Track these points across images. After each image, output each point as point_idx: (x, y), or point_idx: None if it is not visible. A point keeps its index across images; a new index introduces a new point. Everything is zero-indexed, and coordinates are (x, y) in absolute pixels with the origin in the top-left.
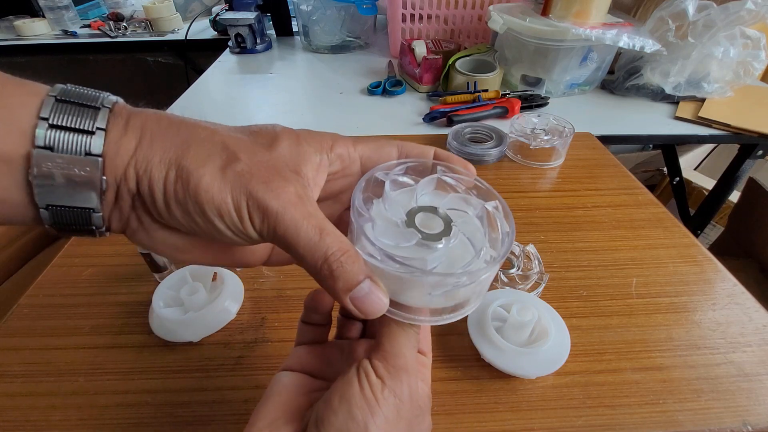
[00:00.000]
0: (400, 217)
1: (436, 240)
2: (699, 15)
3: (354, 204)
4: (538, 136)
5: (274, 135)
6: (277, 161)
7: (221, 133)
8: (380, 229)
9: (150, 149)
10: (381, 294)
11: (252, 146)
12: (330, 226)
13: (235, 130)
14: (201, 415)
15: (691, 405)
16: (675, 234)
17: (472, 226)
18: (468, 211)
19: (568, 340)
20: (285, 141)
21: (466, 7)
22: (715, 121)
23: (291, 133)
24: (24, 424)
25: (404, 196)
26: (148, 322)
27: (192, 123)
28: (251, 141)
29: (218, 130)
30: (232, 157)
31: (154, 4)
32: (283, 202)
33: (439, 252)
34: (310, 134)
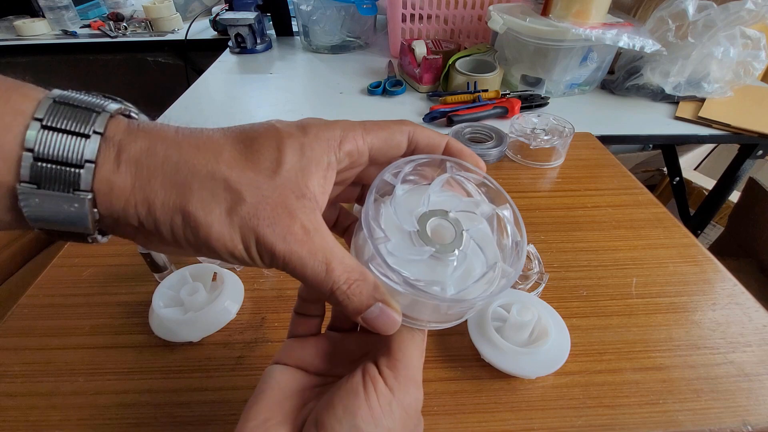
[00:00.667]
0: (412, 225)
1: (449, 252)
2: (699, 15)
3: (367, 219)
4: (538, 136)
5: (277, 148)
6: (283, 190)
7: (222, 165)
8: (393, 244)
9: (149, 188)
10: (392, 313)
11: (255, 177)
12: (337, 257)
13: (234, 146)
14: (201, 415)
15: (691, 405)
16: (675, 234)
17: (482, 233)
18: (478, 213)
19: (568, 340)
20: (288, 154)
21: (466, 7)
22: (715, 121)
23: (294, 139)
24: (24, 424)
25: (414, 197)
26: (148, 322)
27: (189, 153)
28: (253, 167)
29: (219, 160)
30: (236, 199)
31: (154, 4)
32: (289, 244)
33: (455, 272)
34: (317, 133)
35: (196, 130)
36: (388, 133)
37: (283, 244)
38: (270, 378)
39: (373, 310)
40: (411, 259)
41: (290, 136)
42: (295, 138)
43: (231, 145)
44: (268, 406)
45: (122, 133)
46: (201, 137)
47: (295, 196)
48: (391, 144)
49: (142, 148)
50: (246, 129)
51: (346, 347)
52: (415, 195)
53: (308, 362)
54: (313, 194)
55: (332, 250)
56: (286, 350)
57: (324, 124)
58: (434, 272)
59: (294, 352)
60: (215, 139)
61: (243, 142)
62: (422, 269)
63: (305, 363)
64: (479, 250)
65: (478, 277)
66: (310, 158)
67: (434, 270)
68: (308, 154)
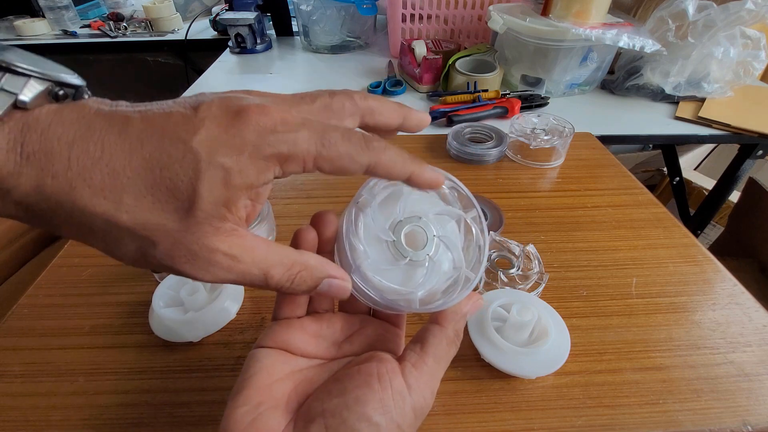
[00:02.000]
0: (388, 235)
1: (421, 258)
2: (699, 15)
3: (348, 236)
4: (538, 136)
5: (190, 184)
6: (197, 229)
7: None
8: (371, 260)
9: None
10: (339, 282)
11: (163, 223)
12: (272, 262)
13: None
14: (201, 415)
15: (691, 405)
16: (675, 234)
17: (450, 237)
18: (449, 216)
19: (568, 340)
20: (205, 190)
21: (466, 7)
22: (715, 121)
23: (216, 170)
24: (24, 424)
25: (390, 203)
26: (148, 322)
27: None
28: (162, 208)
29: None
30: (146, 243)
31: (154, 4)
32: (215, 274)
33: (426, 277)
34: (256, 149)
35: (96, 138)
36: (344, 163)
37: (209, 276)
38: (256, 362)
39: (321, 287)
40: (388, 268)
41: (210, 164)
42: (218, 166)
43: (135, 180)
44: (258, 391)
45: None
46: (100, 173)
47: (213, 229)
48: (342, 173)
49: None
50: (160, 149)
51: (330, 329)
52: (391, 201)
53: (293, 345)
54: (237, 218)
55: (265, 259)
56: (270, 334)
57: (269, 132)
58: (407, 277)
59: (278, 335)
60: (117, 174)
61: (152, 170)
62: (397, 275)
63: (290, 346)
64: (448, 252)
65: (444, 286)
66: (238, 186)
67: (407, 275)
68: (236, 182)
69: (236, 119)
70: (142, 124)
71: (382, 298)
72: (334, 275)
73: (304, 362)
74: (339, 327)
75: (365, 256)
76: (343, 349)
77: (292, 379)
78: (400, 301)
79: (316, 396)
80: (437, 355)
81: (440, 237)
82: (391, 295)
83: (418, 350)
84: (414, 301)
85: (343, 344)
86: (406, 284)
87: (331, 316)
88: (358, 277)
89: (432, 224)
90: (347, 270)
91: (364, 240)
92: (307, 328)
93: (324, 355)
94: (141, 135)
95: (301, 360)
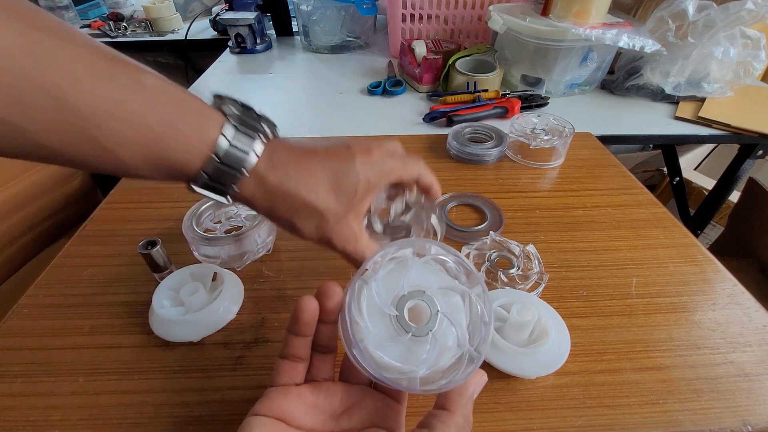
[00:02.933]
0: (391, 309)
1: (424, 334)
2: (699, 15)
3: (350, 313)
4: (538, 136)
5: (354, 189)
6: (349, 214)
7: (317, 198)
8: (373, 336)
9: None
10: None
11: (336, 208)
12: (368, 248)
13: (327, 183)
14: (201, 415)
15: (691, 405)
16: (675, 234)
17: (455, 313)
18: (454, 291)
19: (568, 340)
20: (360, 192)
21: (466, 7)
22: (715, 121)
23: (365, 181)
24: (24, 424)
25: (394, 276)
26: (148, 322)
27: (298, 185)
28: (337, 200)
29: (317, 195)
30: (323, 220)
31: (154, 4)
32: (344, 244)
33: (428, 353)
34: (380, 168)
35: (304, 160)
36: (418, 171)
37: (340, 245)
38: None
39: None
40: (390, 344)
41: (365, 180)
42: (365, 180)
43: (325, 181)
44: None
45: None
46: (307, 172)
47: (354, 216)
48: (413, 179)
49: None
50: (337, 168)
51: (329, 400)
52: (395, 274)
53: (290, 415)
54: (364, 211)
55: (366, 246)
56: (267, 401)
57: (386, 156)
58: (410, 353)
59: (275, 402)
60: (317, 179)
61: (334, 179)
62: (400, 351)
63: (287, 416)
64: (452, 328)
65: (447, 364)
66: (370, 191)
67: (410, 351)
68: (371, 188)
69: (369, 153)
70: (324, 153)
71: (382, 376)
72: None
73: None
74: (338, 398)
75: (367, 331)
76: (341, 424)
77: None
78: (401, 380)
79: None
80: None
81: (444, 313)
82: (391, 374)
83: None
84: (415, 381)
85: (341, 417)
86: (408, 360)
87: (330, 386)
88: (359, 352)
89: (436, 299)
90: (348, 345)
91: (366, 314)
92: (305, 398)
93: (321, 429)
94: (325, 158)
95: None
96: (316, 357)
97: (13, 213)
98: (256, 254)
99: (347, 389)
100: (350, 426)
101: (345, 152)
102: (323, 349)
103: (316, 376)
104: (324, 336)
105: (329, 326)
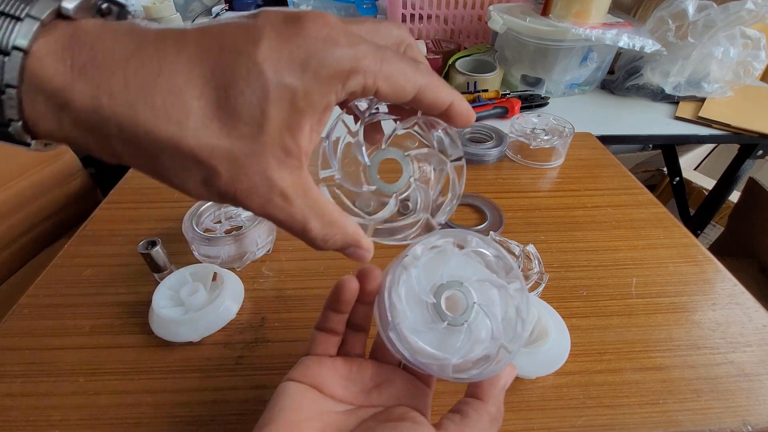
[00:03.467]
0: (429, 297)
1: (459, 324)
2: (699, 15)
3: (389, 296)
4: (538, 136)
5: (259, 105)
6: (263, 157)
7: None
8: (410, 321)
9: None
10: (364, 253)
11: (230, 148)
12: (316, 215)
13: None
14: (201, 415)
15: (691, 405)
16: (675, 234)
17: (491, 306)
18: (490, 285)
19: (568, 340)
20: (273, 111)
21: (466, 7)
22: (715, 121)
23: (284, 89)
24: (24, 424)
25: (433, 265)
26: (148, 322)
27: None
28: (228, 132)
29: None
30: (210, 173)
31: (154, 4)
32: (267, 210)
33: (462, 343)
34: (319, 66)
35: (152, 55)
36: (401, 81)
37: (261, 210)
38: (286, 396)
39: (347, 252)
40: (424, 330)
41: (278, 84)
42: (285, 86)
43: (200, 95)
44: (287, 426)
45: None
46: (161, 93)
47: (277, 161)
48: (398, 94)
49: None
50: (222, 64)
51: (360, 375)
52: (435, 264)
53: (324, 384)
54: (300, 149)
55: (313, 208)
56: (302, 368)
57: (331, 44)
58: (444, 341)
59: (311, 369)
60: (180, 93)
61: (217, 88)
62: (434, 338)
63: (321, 384)
64: (487, 321)
65: (479, 355)
66: (303, 110)
67: (444, 339)
68: (301, 104)
69: (297, 27)
70: (198, 35)
71: (416, 360)
72: (361, 245)
73: (332, 404)
74: (369, 374)
75: (404, 315)
76: (371, 398)
77: (320, 421)
78: (433, 365)
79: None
80: (477, 430)
81: (480, 305)
82: (425, 358)
83: (458, 421)
84: (448, 368)
85: (371, 392)
86: (441, 348)
87: (361, 362)
88: (395, 335)
89: (474, 290)
90: (384, 327)
91: (404, 299)
92: (339, 369)
93: (352, 401)
94: (199, 48)
95: (329, 401)
96: (349, 334)
97: (13, 213)
98: (256, 254)
99: (378, 367)
100: (380, 402)
101: (242, 32)
102: (357, 327)
103: (349, 351)
104: (359, 315)
105: (365, 307)
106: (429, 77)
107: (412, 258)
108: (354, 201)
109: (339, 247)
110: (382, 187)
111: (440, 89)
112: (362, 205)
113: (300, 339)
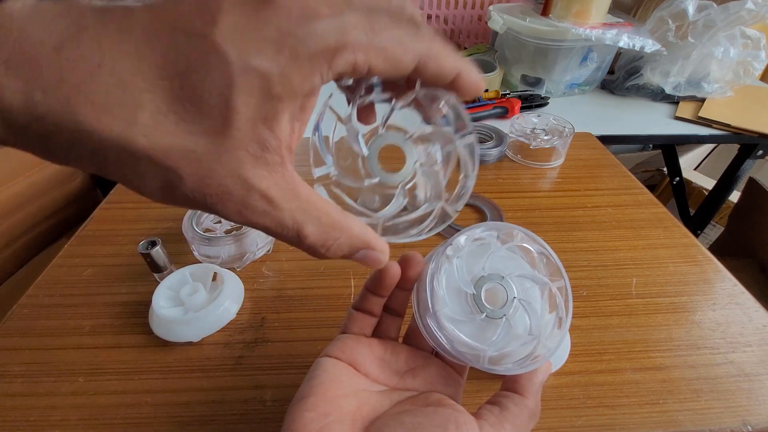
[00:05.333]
0: (470, 288)
1: (498, 317)
2: (699, 15)
3: (431, 283)
4: (538, 136)
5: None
6: (233, 156)
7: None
8: (450, 309)
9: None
10: (378, 255)
11: (191, 148)
12: (310, 220)
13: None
14: (201, 415)
15: (691, 405)
16: (675, 234)
17: (531, 302)
18: (533, 281)
19: (568, 340)
20: (241, 102)
21: (466, 7)
22: (715, 121)
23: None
24: (24, 424)
25: (475, 257)
26: (148, 322)
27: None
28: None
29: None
30: (171, 176)
31: None
32: (247, 218)
33: (499, 337)
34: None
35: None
36: (398, 53)
37: (240, 217)
38: (324, 371)
39: (357, 257)
40: (463, 320)
41: (243, 68)
42: (254, 70)
43: (152, 87)
44: (326, 401)
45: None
46: (104, 84)
47: (253, 158)
48: (396, 68)
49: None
50: (176, 48)
51: (395, 357)
52: (477, 256)
53: (360, 362)
54: (279, 142)
55: (306, 210)
56: (340, 344)
57: (311, 15)
58: (481, 333)
59: (348, 348)
60: (126, 84)
61: (171, 77)
62: (471, 329)
63: (357, 362)
64: (526, 316)
65: (515, 350)
66: (279, 96)
67: (481, 331)
68: (276, 90)
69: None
70: (146, 14)
71: (452, 348)
72: (373, 246)
73: (367, 384)
74: (403, 358)
75: (444, 303)
76: (405, 381)
77: (356, 399)
78: (468, 354)
79: (386, 423)
80: (516, 424)
81: (520, 300)
82: (461, 347)
83: (497, 413)
84: (483, 358)
85: (405, 375)
86: (478, 339)
87: (396, 345)
88: (434, 322)
89: (514, 285)
90: (423, 313)
91: (445, 288)
92: (375, 350)
93: (387, 382)
94: (147, 30)
95: (365, 380)
96: (385, 317)
97: (13, 213)
98: (256, 254)
99: (412, 352)
100: (414, 386)
101: (197, 9)
102: (393, 312)
103: (384, 334)
104: (397, 300)
105: (404, 293)
106: (430, 43)
107: (455, 248)
108: (356, 199)
109: (346, 253)
110: (385, 178)
111: (445, 57)
112: (365, 202)
113: (300, 339)
